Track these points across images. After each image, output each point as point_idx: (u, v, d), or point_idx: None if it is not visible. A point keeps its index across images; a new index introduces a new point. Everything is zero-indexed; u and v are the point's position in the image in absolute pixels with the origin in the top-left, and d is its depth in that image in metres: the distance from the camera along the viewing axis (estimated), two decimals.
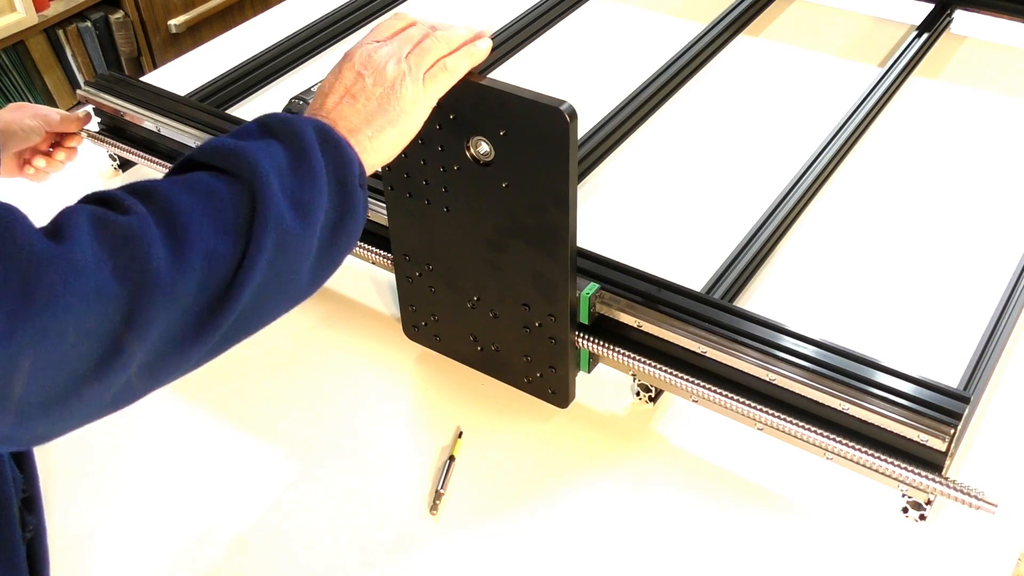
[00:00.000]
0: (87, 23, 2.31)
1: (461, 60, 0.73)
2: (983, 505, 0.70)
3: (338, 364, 0.93)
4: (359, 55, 0.70)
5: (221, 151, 0.60)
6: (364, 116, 0.68)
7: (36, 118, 1.02)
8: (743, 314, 0.80)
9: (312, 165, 0.61)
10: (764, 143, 1.17)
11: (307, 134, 0.62)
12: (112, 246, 0.52)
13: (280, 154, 0.61)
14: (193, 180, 0.58)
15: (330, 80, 0.69)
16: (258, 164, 0.59)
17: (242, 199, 0.58)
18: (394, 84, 0.69)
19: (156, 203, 0.56)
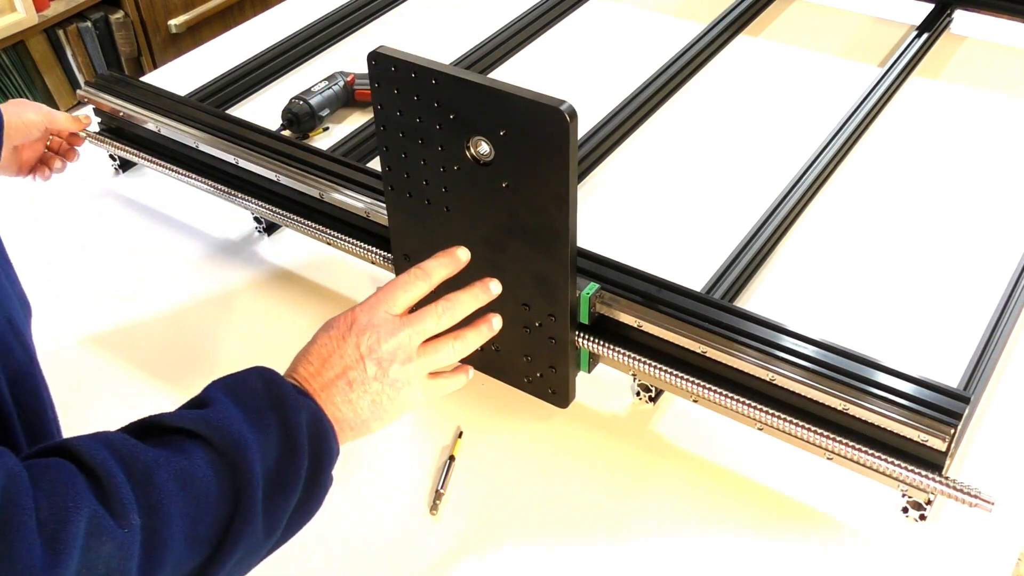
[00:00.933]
0: (87, 23, 2.31)
1: (461, 352, 0.69)
2: (980, 503, 0.70)
3: None
4: (367, 338, 0.65)
5: (229, 434, 0.58)
6: (355, 412, 0.65)
7: (38, 113, 1.03)
8: (743, 314, 0.80)
9: (297, 469, 0.60)
10: (764, 143, 1.17)
11: (301, 433, 0.60)
12: (95, 562, 0.51)
13: (273, 452, 0.59)
14: (191, 470, 0.56)
15: (328, 345, 0.66)
16: (252, 473, 0.57)
17: (224, 510, 0.57)
18: (395, 385, 0.66)
19: (149, 499, 0.54)
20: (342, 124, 1.24)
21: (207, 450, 0.57)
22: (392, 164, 0.80)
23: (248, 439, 0.58)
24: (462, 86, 0.71)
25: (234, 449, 0.57)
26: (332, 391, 0.65)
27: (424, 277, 0.68)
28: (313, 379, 0.65)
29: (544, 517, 0.79)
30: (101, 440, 0.56)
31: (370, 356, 0.65)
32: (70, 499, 0.52)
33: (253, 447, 0.58)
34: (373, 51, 0.74)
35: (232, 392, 0.62)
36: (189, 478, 0.56)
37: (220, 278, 1.03)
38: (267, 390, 0.62)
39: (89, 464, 0.54)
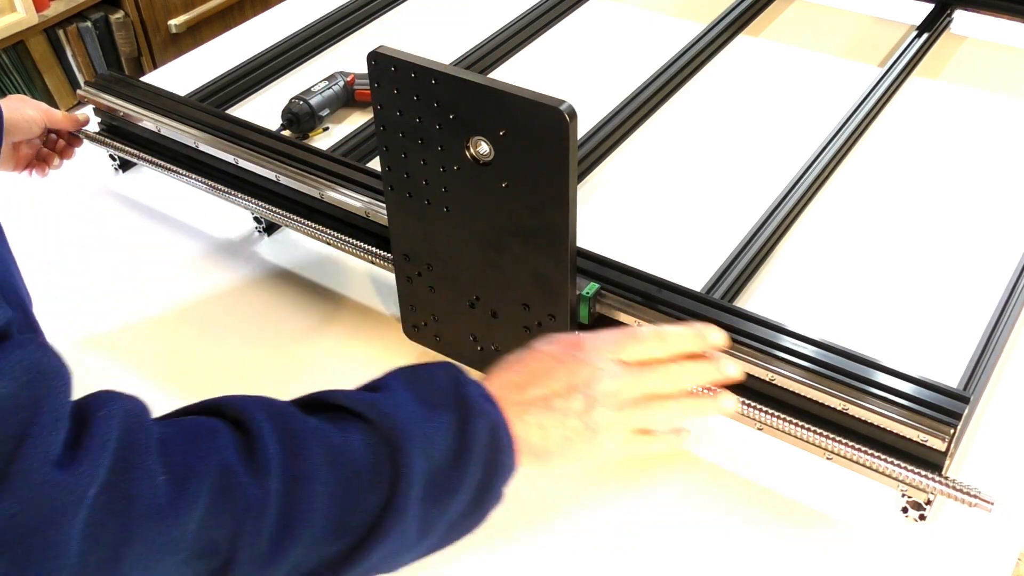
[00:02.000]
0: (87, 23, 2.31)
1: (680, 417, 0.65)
2: (980, 503, 0.70)
3: (338, 364, 0.93)
4: (585, 372, 0.62)
5: (394, 421, 0.55)
6: (543, 440, 0.61)
7: (37, 110, 1.03)
8: (743, 314, 0.80)
9: (464, 476, 0.57)
10: (764, 143, 1.17)
11: (476, 440, 0.57)
12: (223, 515, 0.50)
13: (440, 452, 0.56)
14: (346, 448, 0.54)
15: (543, 362, 0.63)
16: (410, 467, 0.54)
17: (375, 498, 0.54)
18: (595, 429, 0.62)
19: (295, 475, 0.52)
20: (342, 124, 1.24)
21: (368, 434, 0.55)
22: (392, 164, 0.80)
23: (413, 432, 0.55)
24: (462, 86, 0.71)
25: (396, 439, 0.55)
26: (529, 409, 0.61)
27: (661, 340, 0.65)
28: (514, 391, 0.62)
29: (544, 517, 0.79)
30: (261, 401, 0.55)
31: (583, 390, 0.62)
32: (205, 445, 0.51)
33: (417, 441, 0.55)
34: (373, 51, 0.74)
35: (411, 382, 0.60)
36: (342, 457, 0.54)
37: (220, 278, 1.03)
38: (449, 388, 0.59)
39: (240, 420, 0.53)
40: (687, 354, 0.66)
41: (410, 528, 0.55)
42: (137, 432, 0.49)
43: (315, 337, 0.96)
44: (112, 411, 0.49)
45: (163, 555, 0.48)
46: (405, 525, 0.55)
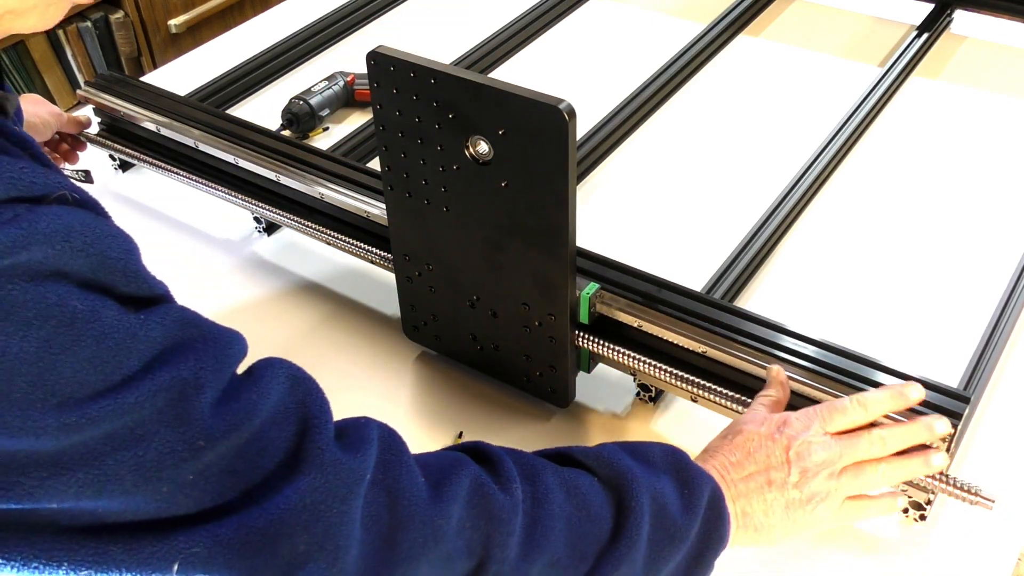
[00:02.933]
0: (87, 23, 2.31)
1: (892, 480, 0.68)
2: (980, 501, 0.70)
3: (338, 364, 0.93)
4: (798, 445, 0.66)
5: (617, 469, 0.61)
6: (765, 513, 0.65)
7: (51, 114, 1.03)
8: (743, 314, 0.80)
9: (689, 524, 0.61)
10: (764, 143, 1.17)
11: (699, 499, 0.61)
12: (477, 519, 0.55)
13: (667, 496, 0.61)
14: (575, 482, 0.60)
15: (756, 440, 0.67)
16: (638, 503, 0.59)
17: (606, 528, 0.59)
18: (813, 499, 0.66)
19: (535, 491, 0.58)
20: (342, 124, 1.24)
21: (594, 477, 0.60)
22: (391, 164, 0.80)
23: (637, 474, 0.60)
24: (461, 85, 0.71)
25: (621, 480, 0.60)
26: (750, 484, 0.65)
27: (863, 409, 0.68)
28: (733, 469, 0.66)
29: None
30: (495, 447, 0.61)
31: (797, 462, 0.65)
32: (456, 464, 0.57)
33: (642, 482, 0.60)
34: (372, 51, 0.74)
35: (627, 449, 0.64)
36: (573, 488, 0.59)
37: (220, 278, 1.03)
38: (668, 456, 0.64)
39: (479, 451, 0.60)
40: None
41: (637, 562, 0.59)
42: (394, 441, 0.56)
43: (315, 337, 0.96)
44: (368, 422, 0.56)
45: (429, 545, 0.53)
46: (634, 557, 0.58)
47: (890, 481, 0.68)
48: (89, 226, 0.46)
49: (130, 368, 0.45)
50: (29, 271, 0.42)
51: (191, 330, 0.49)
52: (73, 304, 0.44)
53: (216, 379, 0.49)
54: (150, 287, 0.49)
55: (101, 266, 0.46)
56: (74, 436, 0.43)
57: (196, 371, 0.47)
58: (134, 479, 0.45)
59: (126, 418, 0.44)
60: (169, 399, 0.46)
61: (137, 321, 0.47)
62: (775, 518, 0.65)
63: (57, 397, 0.42)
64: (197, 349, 0.48)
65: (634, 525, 0.58)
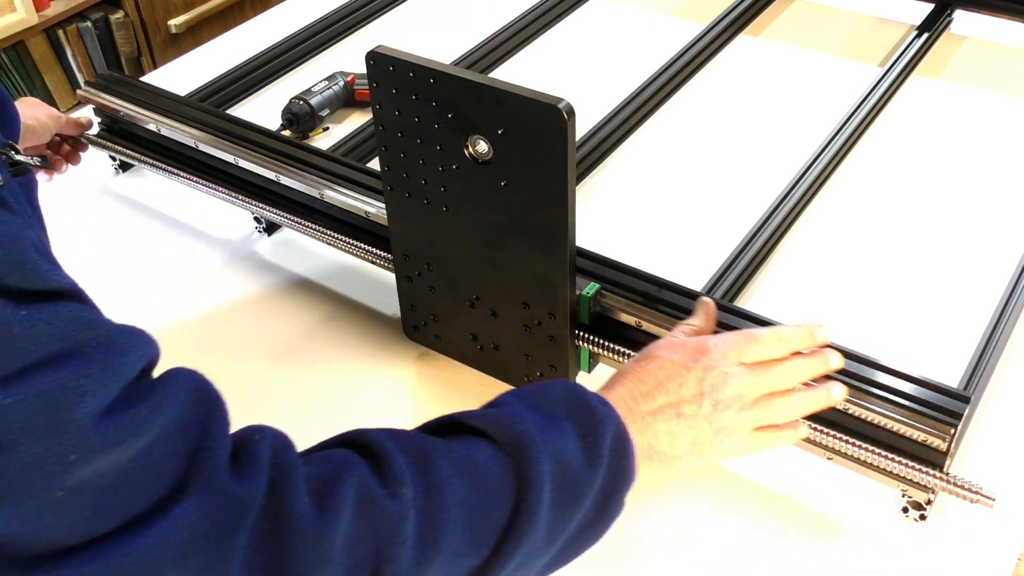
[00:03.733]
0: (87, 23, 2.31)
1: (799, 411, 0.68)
2: (981, 499, 0.70)
3: (338, 364, 0.93)
4: (714, 377, 0.64)
5: (515, 432, 0.57)
6: (671, 445, 0.63)
7: (50, 116, 1.03)
8: (743, 314, 0.80)
9: (591, 479, 0.58)
10: (764, 143, 1.17)
11: (603, 445, 0.59)
12: (365, 532, 0.51)
13: (567, 456, 0.57)
14: (471, 461, 0.56)
15: (670, 369, 0.64)
16: (537, 472, 0.56)
17: (506, 505, 0.55)
18: (721, 431, 0.64)
19: (428, 483, 0.54)
20: (342, 124, 1.24)
21: (491, 446, 0.57)
22: (391, 164, 0.80)
23: (537, 440, 0.57)
24: (460, 85, 0.71)
25: (519, 446, 0.56)
26: (658, 416, 0.63)
27: (780, 343, 0.67)
28: (643, 399, 0.64)
29: None
30: (383, 429, 0.57)
31: (711, 394, 0.64)
32: (340, 467, 0.53)
33: (541, 446, 0.57)
34: (371, 51, 0.74)
35: (528, 398, 0.61)
36: (470, 468, 0.55)
37: (220, 278, 1.03)
38: (568, 399, 0.61)
39: (367, 446, 0.55)
40: None
41: (539, 535, 0.56)
42: (285, 457, 0.52)
43: (315, 337, 0.96)
44: (262, 438, 0.52)
45: (315, 570, 0.49)
46: (536, 529, 0.56)
47: (798, 412, 0.68)
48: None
49: (4, 368, 0.41)
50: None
51: (85, 333, 0.45)
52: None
53: (102, 388, 0.44)
54: (44, 281, 0.45)
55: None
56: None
57: (79, 378, 0.43)
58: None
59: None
60: (44, 406, 0.42)
61: (17, 318, 0.42)
62: (681, 450, 0.64)
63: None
64: (86, 355, 0.44)
65: (535, 498, 0.55)
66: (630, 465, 0.61)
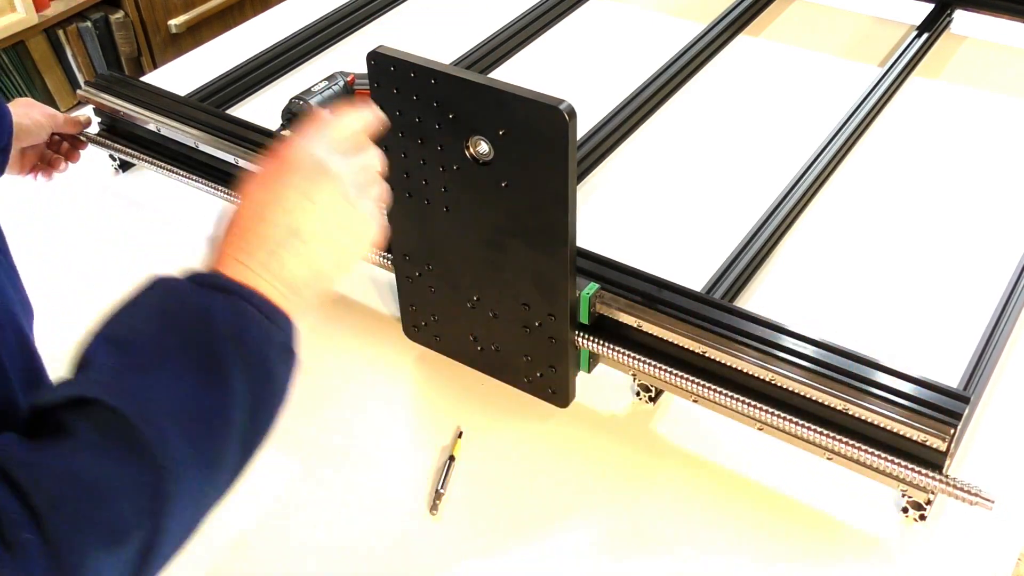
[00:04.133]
0: (87, 23, 2.31)
1: None
2: (980, 501, 0.70)
3: (338, 364, 0.93)
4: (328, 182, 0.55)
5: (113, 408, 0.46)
6: (305, 267, 0.54)
7: (44, 115, 1.03)
8: (743, 314, 0.80)
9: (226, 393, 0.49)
10: (764, 143, 1.17)
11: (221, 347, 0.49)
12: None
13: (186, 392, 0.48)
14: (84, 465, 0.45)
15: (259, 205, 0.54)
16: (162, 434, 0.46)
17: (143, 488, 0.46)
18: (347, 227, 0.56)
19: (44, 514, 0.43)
20: None
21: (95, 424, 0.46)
22: (392, 164, 0.80)
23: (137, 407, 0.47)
24: (461, 85, 0.71)
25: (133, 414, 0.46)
26: (279, 255, 0.54)
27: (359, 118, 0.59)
28: (254, 252, 0.54)
29: (544, 517, 0.79)
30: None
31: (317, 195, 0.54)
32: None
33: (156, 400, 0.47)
34: (372, 51, 0.74)
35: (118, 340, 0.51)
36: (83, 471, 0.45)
37: None
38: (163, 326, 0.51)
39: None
40: None
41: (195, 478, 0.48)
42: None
43: (315, 337, 0.96)
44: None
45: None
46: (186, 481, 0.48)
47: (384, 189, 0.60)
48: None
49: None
50: None
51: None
52: None
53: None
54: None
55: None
56: None
57: None
58: None
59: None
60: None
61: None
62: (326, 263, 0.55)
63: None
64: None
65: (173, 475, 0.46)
66: (257, 330, 0.51)
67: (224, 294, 0.52)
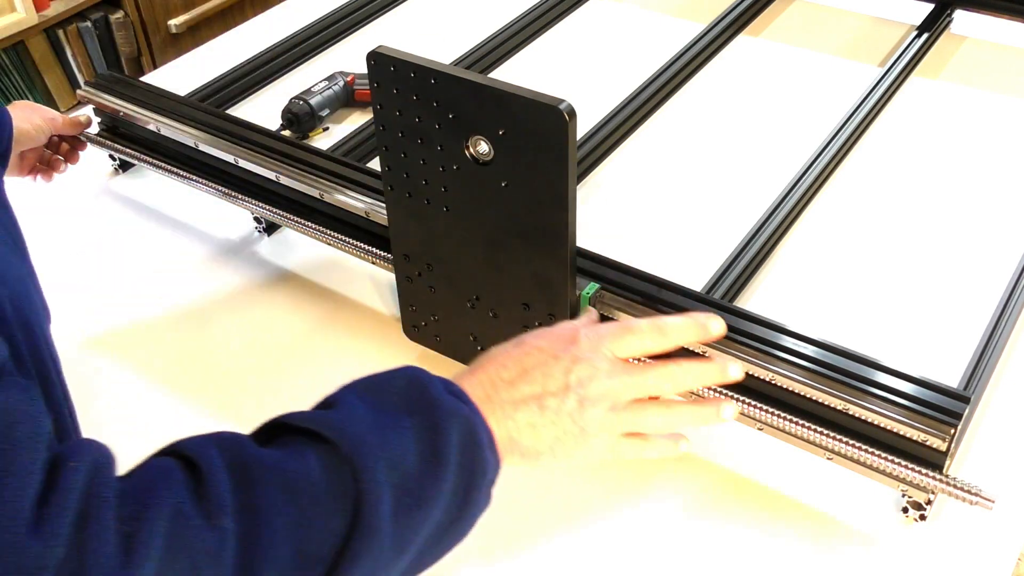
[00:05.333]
0: (87, 23, 2.31)
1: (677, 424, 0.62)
2: (981, 501, 0.70)
3: (338, 364, 0.93)
4: (582, 370, 0.59)
5: (347, 435, 0.51)
6: (533, 440, 0.58)
7: (44, 118, 1.03)
8: (743, 314, 0.80)
9: (439, 482, 0.52)
10: (764, 143, 1.17)
11: (446, 442, 0.53)
12: (179, 565, 0.46)
13: (408, 460, 0.52)
14: (301, 475, 0.50)
15: (536, 357, 0.59)
16: (374, 482, 0.50)
17: (340, 522, 0.50)
18: (586, 431, 0.59)
19: (249, 512, 0.48)
20: (342, 124, 1.24)
21: (323, 454, 0.51)
22: (392, 164, 0.80)
23: (373, 444, 0.52)
24: (461, 85, 0.71)
25: (355, 456, 0.51)
26: (519, 408, 0.58)
27: (660, 335, 0.62)
28: (504, 387, 0.58)
29: (544, 517, 0.79)
30: (212, 438, 0.52)
31: (577, 389, 0.58)
32: (155, 492, 0.48)
33: (378, 454, 0.51)
34: (372, 51, 0.74)
35: (368, 392, 0.56)
36: (298, 482, 0.50)
37: (220, 278, 1.03)
38: (411, 391, 0.55)
39: (190, 458, 0.50)
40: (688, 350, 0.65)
41: (384, 547, 0.52)
42: (99, 485, 0.47)
43: (315, 337, 0.96)
44: (81, 462, 0.47)
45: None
46: (378, 545, 0.51)
47: (674, 425, 0.62)
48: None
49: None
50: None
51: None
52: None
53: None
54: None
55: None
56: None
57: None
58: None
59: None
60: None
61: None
62: (543, 446, 0.59)
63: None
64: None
65: (372, 509, 0.50)
66: (485, 458, 0.55)
67: (467, 407, 0.56)
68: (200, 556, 0.47)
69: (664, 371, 0.61)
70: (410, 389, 0.55)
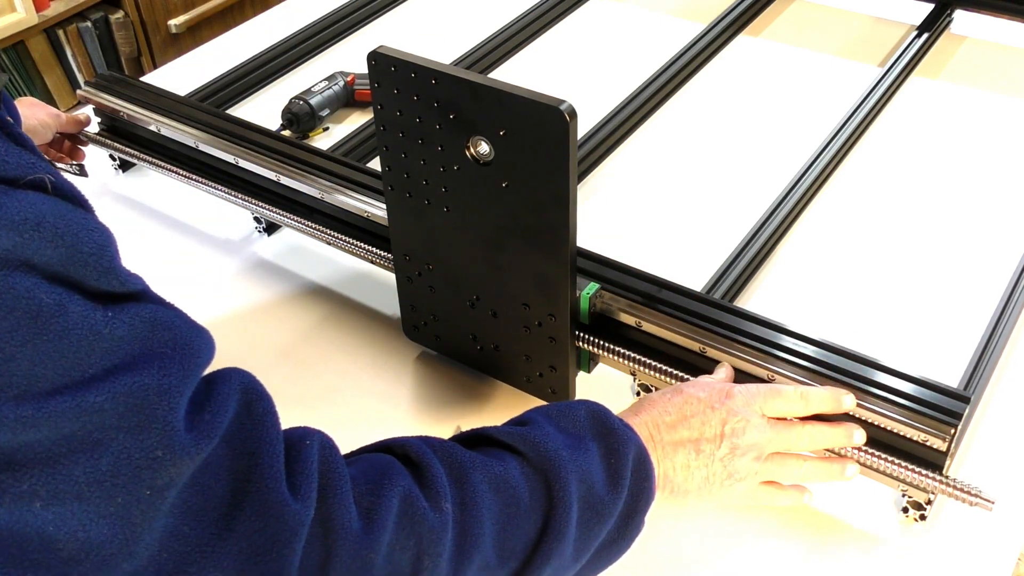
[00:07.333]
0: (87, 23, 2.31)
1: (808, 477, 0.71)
2: (980, 502, 0.70)
3: (338, 364, 0.93)
4: (736, 421, 0.67)
5: (545, 451, 0.59)
6: (685, 479, 0.66)
7: (50, 115, 1.03)
8: (743, 314, 0.80)
9: (615, 499, 0.60)
10: (764, 143, 1.17)
11: (625, 465, 0.61)
12: (407, 540, 0.53)
13: (593, 476, 0.60)
14: (505, 476, 0.58)
15: (696, 405, 0.67)
16: (566, 492, 0.58)
17: (535, 523, 0.58)
18: (733, 476, 0.67)
19: (464, 495, 0.56)
20: (342, 124, 1.24)
21: (522, 463, 0.59)
22: (392, 164, 0.80)
23: (564, 458, 0.59)
24: (462, 86, 0.71)
25: (549, 466, 0.58)
26: (678, 449, 0.66)
27: (804, 402, 0.70)
28: (665, 429, 0.66)
29: None
30: (423, 439, 0.59)
31: (731, 438, 0.66)
32: (386, 477, 0.54)
33: (569, 467, 0.59)
34: (373, 51, 0.74)
35: (554, 417, 0.63)
36: (503, 484, 0.57)
37: (219, 278, 1.03)
38: (592, 420, 0.63)
39: (408, 455, 0.57)
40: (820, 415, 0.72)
41: (567, 552, 0.58)
42: (332, 462, 0.53)
43: (315, 337, 0.96)
44: (311, 444, 0.53)
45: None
46: (564, 547, 0.58)
47: (807, 478, 0.71)
48: (63, 216, 0.44)
49: (92, 368, 0.43)
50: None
51: (162, 333, 0.47)
52: (40, 297, 0.42)
53: (183, 388, 0.47)
54: (123, 283, 0.48)
55: (71, 259, 0.44)
56: (31, 432, 0.41)
57: (161, 378, 0.45)
58: (88, 482, 0.43)
59: (85, 419, 0.42)
60: (131, 404, 0.44)
61: (104, 319, 0.45)
62: (693, 485, 0.66)
63: (14, 389, 0.41)
64: (165, 355, 0.46)
65: (563, 515, 0.58)
66: (651, 487, 0.63)
67: (636, 447, 0.63)
68: (425, 534, 0.53)
69: (804, 431, 0.70)
70: (591, 417, 0.63)
